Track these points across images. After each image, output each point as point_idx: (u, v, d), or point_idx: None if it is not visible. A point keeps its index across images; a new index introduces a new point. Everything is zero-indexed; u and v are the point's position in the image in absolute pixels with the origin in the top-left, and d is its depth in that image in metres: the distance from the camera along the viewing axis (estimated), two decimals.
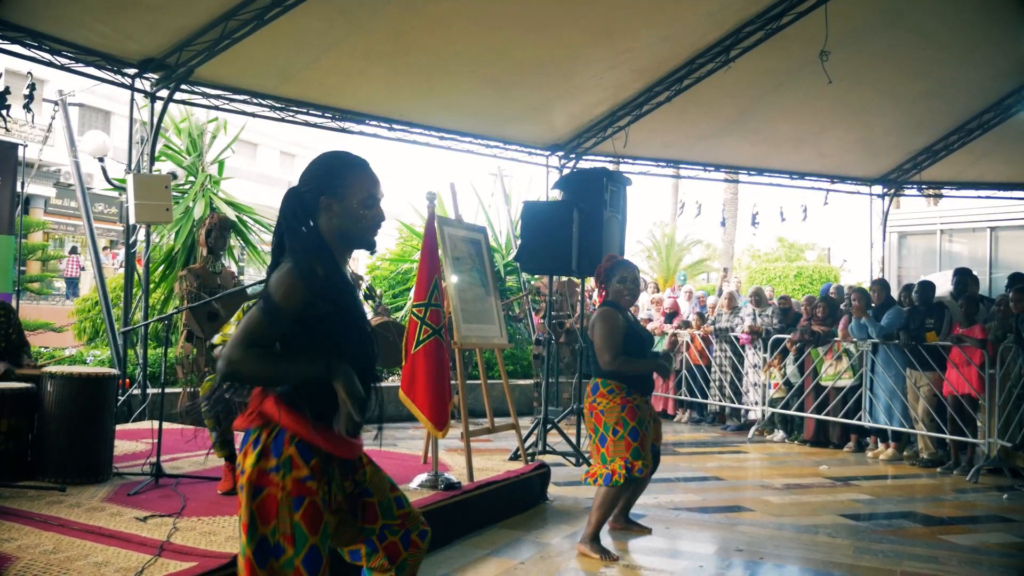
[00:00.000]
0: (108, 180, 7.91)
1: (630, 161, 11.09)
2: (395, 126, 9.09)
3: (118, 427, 5.34)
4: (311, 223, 2.08)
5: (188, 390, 5.82)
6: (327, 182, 2.07)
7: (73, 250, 21.43)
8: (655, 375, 4.40)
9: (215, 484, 4.42)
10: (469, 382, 7.70)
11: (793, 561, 4.25)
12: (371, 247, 2.14)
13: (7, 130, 6.82)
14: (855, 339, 7.83)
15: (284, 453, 1.94)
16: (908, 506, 5.70)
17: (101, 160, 7.72)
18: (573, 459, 6.34)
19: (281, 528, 1.91)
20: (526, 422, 7.28)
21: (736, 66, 8.64)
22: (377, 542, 2.17)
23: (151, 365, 7.61)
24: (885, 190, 12.32)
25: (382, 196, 2.14)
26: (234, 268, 11.23)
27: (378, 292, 8.50)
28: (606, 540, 4.47)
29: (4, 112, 6.37)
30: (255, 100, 8.06)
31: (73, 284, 20.06)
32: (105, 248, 19.84)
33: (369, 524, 2.14)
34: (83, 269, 19.98)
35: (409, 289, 11.27)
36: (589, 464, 6.10)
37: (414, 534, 2.21)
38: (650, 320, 10.63)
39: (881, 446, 7.79)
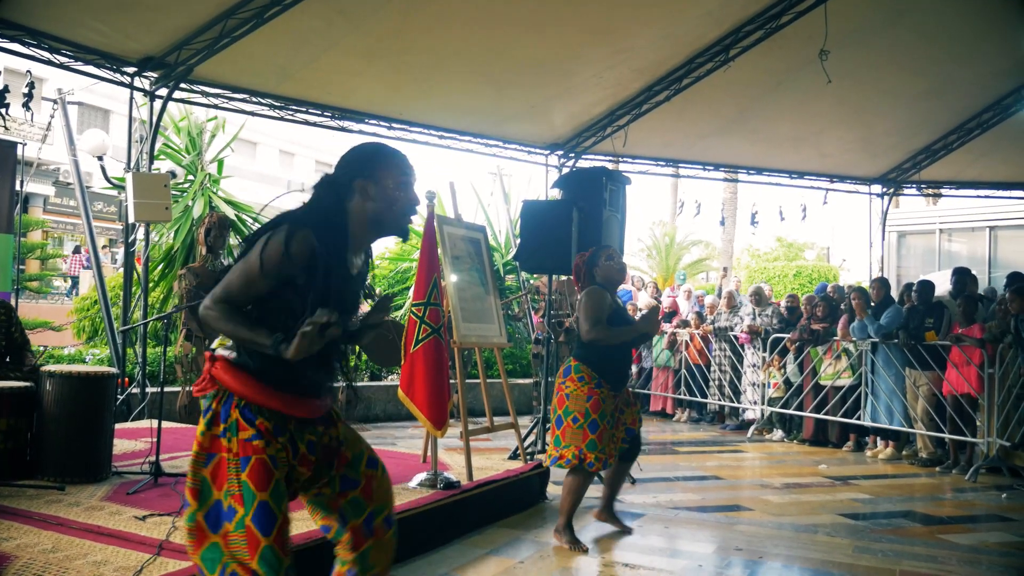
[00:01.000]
0: (107, 179, 7.90)
1: (629, 160, 11.08)
2: (394, 125, 9.08)
3: (117, 426, 5.33)
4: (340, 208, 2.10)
5: (187, 389, 5.83)
6: (363, 166, 2.11)
7: (76, 249, 21.41)
8: (631, 368, 4.42)
9: None
10: (468, 381, 7.70)
11: (792, 560, 4.25)
12: (404, 233, 2.16)
13: (6, 128, 6.81)
14: (855, 338, 7.84)
15: (231, 417, 1.99)
16: (907, 505, 5.71)
17: (100, 159, 7.70)
18: None
19: (231, 490, 1.94)
20: (525, 421, 7.27)
21: (735, 65, 8.63)
22: (345, 520, 2.17)
23: (150, 364, 7.61)
24: (884, 189, 12.31)
25: (416, 181, 2.16)
26: None
27: (377, 291, 8.50)
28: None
29: (3, 110, 6.37)
30: (254, 99, 8.05)
31: (76, 282, 20.04)
32: (104, 247, 19.83)
33: (338, 470, 2.17)
34: (87, 267, 19.95)
35: (408, 288, 11.26)
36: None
37: (378, 519, 2.19)
38: None
39: (880, 445, 7.79)
